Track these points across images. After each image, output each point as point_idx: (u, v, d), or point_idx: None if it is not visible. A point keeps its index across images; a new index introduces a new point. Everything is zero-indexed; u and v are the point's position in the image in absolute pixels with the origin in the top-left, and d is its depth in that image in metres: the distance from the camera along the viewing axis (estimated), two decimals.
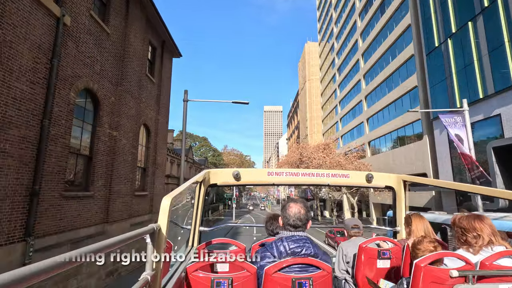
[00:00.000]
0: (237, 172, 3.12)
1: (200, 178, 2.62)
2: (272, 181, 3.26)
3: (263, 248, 1.88)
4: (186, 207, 3.15)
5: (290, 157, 35.99)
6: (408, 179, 3.39)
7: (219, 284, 1.66)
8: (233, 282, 1.67)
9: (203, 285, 1.69)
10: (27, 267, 0.58)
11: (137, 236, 1.18)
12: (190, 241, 2.82)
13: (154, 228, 1.31)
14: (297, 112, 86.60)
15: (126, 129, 11.61)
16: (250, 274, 1.70)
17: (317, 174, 3.34)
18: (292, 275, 1.65)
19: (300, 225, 1.80)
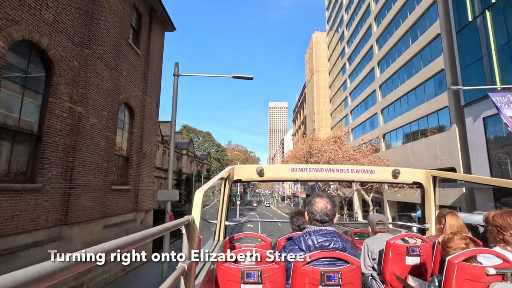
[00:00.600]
0: (261, 168, 3.13)
1: (225, 175, 2.55)
2: (296, 177, 3.24)
3: (290, 241, 1.89)
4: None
5: (297, 151, 33.42)
6: (438, 175, 3.25)
7: (249, 275, 1.69)
8: (262, 274, 1.70)
9: (233, 276, 1.72)
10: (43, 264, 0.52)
11: (174, 227, 1.23)
12: (216, 235, 2.91)
13: (189, 220, 1.37)
14: (303, 106, 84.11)
15: (97, 106, 9.13)
16: (279, 267, 1.72)
17: (341, 170, 3.29)
18: (320, 268, 1.65)
19: (327, 220, 1.81)
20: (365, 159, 26.23)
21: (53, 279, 0.52)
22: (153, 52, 13.69)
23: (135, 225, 12.02)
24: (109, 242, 0.74)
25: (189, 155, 37.68)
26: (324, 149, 26.74)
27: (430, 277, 2.04)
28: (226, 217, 3.07)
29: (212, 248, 2.62)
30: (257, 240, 2.76)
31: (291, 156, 38.88)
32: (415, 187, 15.52)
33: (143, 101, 12.90)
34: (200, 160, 45.27)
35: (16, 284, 0.43)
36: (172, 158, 10.73)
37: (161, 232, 1.07)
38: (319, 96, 60.08)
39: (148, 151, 13.56)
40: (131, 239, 0.83)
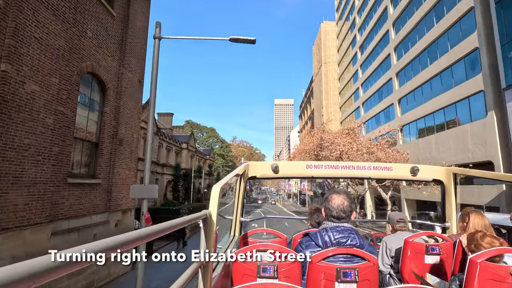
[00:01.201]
0: (275, 165, 3.13)
1: (240, 171, 2.57)
2: (311, 174, 3.23)
3: (307, 237, 1.90)
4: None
5: (306, 144, 30.77)
6: (459, 172, 3.19)
7: (265, 269, 1.70)
8: (278, 269, 1.70)
9: (249, 270, 1.75)
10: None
11: (192, 220, 1.24)
12: (232, 230, 2.98)
13: (207, 214, 1.41)
14: (310, 101, 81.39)
15: (40, 68, 6.64)
16: (295, 262, 1.69)
17: (357, 167, 3.25)
18: (336, 265, 1.65)
19: (344, 216, 1.79)
20: (382, 153, 23.45)
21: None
22: (133, 17, 11.16)
23: (107, 229, 9.59)
24: (116, 237, 0.67)
25: (190, 150, 35.25)
26: (336, 141, 24.02)
27: (450, 277, 2.05)
28: (242, 214, 3.07)
29: (228, 243, 2.63)
30: (274, 236, 2.80)
31: (299, 150, 36.42)
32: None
33: (119, 74, 10.41)
34: (202, 155, 42.87)
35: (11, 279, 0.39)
36: (150, 143, 8.23)
37: (179, 225, 1.09)
38: (327, 89, 57.14)
39: (128, 137, 11.09)
40: (144, 233, 0.80)
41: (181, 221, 1.13)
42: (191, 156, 36.18)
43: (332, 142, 24.08)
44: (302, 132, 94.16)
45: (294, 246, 2.14)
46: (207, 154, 47.16)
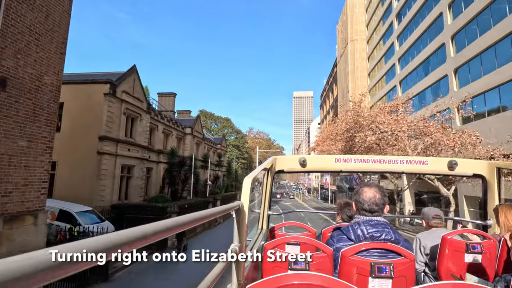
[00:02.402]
0: (303, 159, 3.07)
1: (268, 165, 2.60)
2: (339, 168, 3.13)
3: (338, 231, 1.87)
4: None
5: (334, 128, 24.96)
6: (504, 166, 2.97)
7: (296, 262, 1.65)
8: (309, 262, 1.67)
9: (281, 262, 1.67)
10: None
11: (226, 210, 1.27)
12: (260, 223, 2.93)
13: (239, 205, 1.42)
14: (332, 88, 75.00)
15: None
16: (327, 255, 1.72)
17: (389, 161, 3.06)
18: (370, 259, 1.61)
19: (377, 210, 1.75)
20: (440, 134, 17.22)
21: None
22: None
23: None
24: (138, 228, 0.59)
25: (195, 136, 30.19)
26: (378, 119, 18.04)
27: (494, 277, 2.02)
28: (269, 207, 3.07)
29: (256, 236, 2.61)
30: (301, 230, 2.76)
31: (323, 138, 30.76)
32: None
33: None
34: (211, 143, 37.83)
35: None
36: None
37: (210, 216, 1.07)
38: (354, 70, 50.39)
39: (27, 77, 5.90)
40: (177, 222, 0.78)
41: (213, 211, 1.11)
42: (197, 144, 31.18)
43: (373, 120, 18.11)
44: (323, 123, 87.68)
45: (324, 240, 2.22)
46: (218, 143, 42.14)
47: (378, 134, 18.83)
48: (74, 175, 15.31)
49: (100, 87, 15.86)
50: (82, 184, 15.11)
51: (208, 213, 1.04)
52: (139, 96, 18.92)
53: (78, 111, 15.88)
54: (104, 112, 15.55)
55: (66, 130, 15.93)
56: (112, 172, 16.10)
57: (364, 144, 19.62)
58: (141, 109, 19.08)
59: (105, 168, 15.47)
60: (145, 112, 19.78)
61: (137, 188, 18.76)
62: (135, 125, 18.76)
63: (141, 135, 19.21)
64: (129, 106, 17.72)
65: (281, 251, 1.75)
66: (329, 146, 27.47)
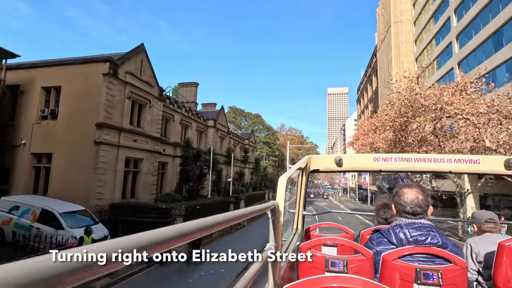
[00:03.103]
0: (339, 158, 2.94)
1: (302, 165, 2.58)
2: (378, 168, 2.94)
3: (377, 234, 1.79)
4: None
5: (378, 118, 20.84)
6: None
7: (334, 264, 1.65)
8: (348, 264, 1.64)
9: (317, 263, 1.70)
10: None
11: (261, 210, 1.25)
12: (295, 223, 2.91)
13: (275, 205, 1.42)
14: (371, 80, 69.14)
15: None
16: (366, 259, 1.65)
17: (435, 160, 2.80)
18: (415, 265, 1.49)
19: (420, 212, 1.64)
20: None
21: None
22: None
23: None
24: (167, 228, 0.59)
25: (219, 129, 27.52)
26: (444, 99, 13.72)
27: None
28: (304, 207, 3.03)
29: (292, 236, 2.60)
30: (337, 231, 2.69)
31: (364, 131, 26.73)
32: None
33: None
34: (238, 138, 34.99)
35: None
36: None
37: (245, 215, 1.05)
38: (399, 55, 44.68)
39: None
40: (209, 222, 0.74)
41: (247, 211, 1.09)
42: (220, 138, 28.50)
43: (437, 99, 13.82)
44: (360, 118, 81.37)
45: (362, 242, 2.14)
46: (246, 138, 39.27)
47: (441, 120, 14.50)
48: (71, 169, 13.23)
49: (99, 67, 13.61)
50: (78, 179, 12.97)
51: (241, 214, 1.01)
52: (148, 80, 16.50)
53: (75, 96, 13.80)
54: (103, 95, 13.25)
55: (63, 117, 13.93)
56: (113, 165, 13.79)
57: (423, 132, 15.38)
58: (150, 95, 16.65)
59: (103, 161, 13.18)
60: (156, 98, 17.35)
61: (147, 185, 16.40)
62: (143, 112, 16.38)
63: (151, 125, 16.80)
64: (135, 90, 15.33)
65: (318, 252, 1.76)
66: (371, 139, 23.31)
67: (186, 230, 0.64)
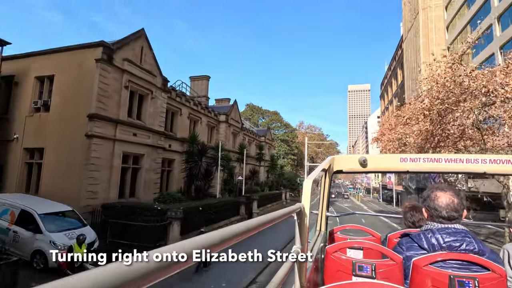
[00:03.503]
0: (364, 159, 2.86)
1: (326, 166, 2.48)
2: (405, 168, 2.81)
3: (407, 238, 1.71)
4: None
5: (410, 109, 18.50)
6: None
7: (361, 268, 1.60)
8: (376, 268, 1.58)
9: (344, 267, 1.66)
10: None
11: (287, 214, 1.23)
12: (318, 225, 2.86)
13: (301, 207, 1.40)
14: (396, 74, 65.63)
15: None
16: (396, 263, 1.58)
17: (467, 160, 2.63)
18: (449, 272, 1.41)
19: (457, 216, 1.54)
20: None
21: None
22: None
23: None
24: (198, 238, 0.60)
25: (231, 124, 25.89)
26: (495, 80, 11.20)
27: None
28: (327, 208, 3.00)
29: (315, 238, 2.51)
30: (363, 234, 2.64)
31: (392, 124, 24.39)
32: None
33: None
34: (253, 135, 33.23)
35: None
36: None
37: (273, 220, 1.05)
38: (428, 43, 41.15)
39: None
40: (235, 231, 0.73)
41: (275, 216, 1.08)
42: (233, 134, 26.86)
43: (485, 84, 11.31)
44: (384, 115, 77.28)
45: (389, 246, 2.07)
46: (262, 135, 37.44)
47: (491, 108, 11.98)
48: (62, 165, 12.03)
49: (92, 53, 12.30)
50: (69, 176, 11.73)
51: (266, 219, 0.99)
52: (150, 69, 15.10)
53: (68, 85, 12.59)
54: (95, 83, 11.91)
55: (55, 109, 12.77)
56: (108, 161, 12.45)
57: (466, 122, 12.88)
58: (153, 85, 15.22)
59: (96, 156, 11.84)
60: (160, 89, 15.90)
61: (149, 183, 15.00)
62: (144, 104, 14.98)
63: (153, 118, 15.38)
64: (134, 79, 13.93)
65: (344, 255, 1.72)
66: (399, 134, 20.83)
67: (229, 235, 0.67)
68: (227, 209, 14.91)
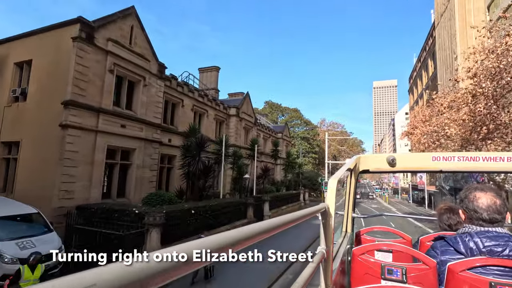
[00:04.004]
0: (392, 158, 2.71)
1: (352, 165, 2.44)
2: (438, 168, 2.62)
3: (441, 241, 1.62)
4: None
5: (466, 85, 15.68)
6: None
7: (391, 271, 1.52)
8: (407, 272, 1.50)
9: (372, 270, 1.60)
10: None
11: (311, 214, 1.21)
12: (344, 226, 2.80)
13: (325, 207, 1.37)
14: (427, 65, 61.25)
15: None
16: (429, 268, 1.49)
17: (509, 159, 2.37)
18: (489, 278, 1.29)
19: (499, 219, 1.44)
20: None
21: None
22: None
23: None
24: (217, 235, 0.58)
25: (243, 118, 23.80)
26: None
27: None
28: (353, 209, 2.91)
29: (341, 239, 2.45)
30: (392, 236, 2.53)
31: (427, 115, 21.64)
32: None
33: None
34: (268, 131, 30.92)
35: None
36: None
37: (297, 219, 1.03)
38: (465, 27, 36.81)
39: None
40: (257, 229, 0.72)
41: (299, 215, 1.07)
42: (245, 129, 24.73)
43: None
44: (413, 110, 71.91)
45: (422, 249, 1.99)
46: (279, 131, 35.04)
47: None
48: (36, 160, 10.51)
49: (70, 31, 10.68)
50: (44, 173, 10.18)
51: (290, 218, 0.96)
52: (142, 53, 13.32)
53: (45, 70, 11.07)
54: (71, 65, 10.25)
55: (32, 97, 11.30)
56: (88, 155, 10.76)
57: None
58: (146, 71, 13.42)
59: (72, 150, 10.18)
60: (155, 76, 14.11)
61: (143, 181, 13.24)
62: (136, 92, 13.21)
63: (146, 108, 13.59)
64: (122, 62, 12.17)
65: (372, 258, 1.69)
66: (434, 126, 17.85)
67: (250, 233, 0.65)
68: (230, 211, 12.79)
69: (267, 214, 16.89)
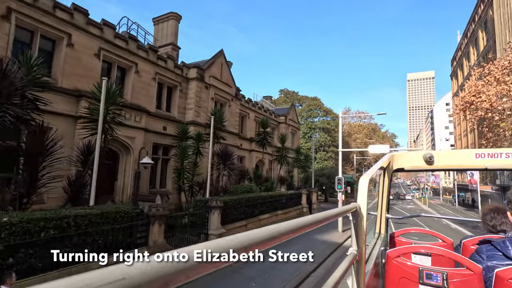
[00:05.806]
0: (429, 155, 2.56)
1: (384, 164, 2.36)
2: (483, 165, 2.43)
3: (487, 245, 1.53)
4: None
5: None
6: None
7: (430, 276, 1.46)
8: (448, 277, 1.45)
9: (409, 274, 1.54)
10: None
11: (342, 213, 1.18)
12: (377, 227, 2.73)
13: (357, 207, 1.32)
14: (476, 38, 51.64)
15: None
16: (473, 274, 1.42)
17: None
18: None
19: None
20: None
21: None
22: None
23: None
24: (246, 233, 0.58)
25: (211, 84, 16.23)
26: None
27: None
28: (387, 210, 2.80)
29: (375, 241, 2.37)
30: (430, 238, 2.41)
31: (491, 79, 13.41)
32: None
33: None
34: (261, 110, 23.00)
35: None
36: None
37: (328, 218, 1.00)
38: None
39: None
40: (290, 227, 0.72)
41: (330, 214, 1.04)
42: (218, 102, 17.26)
43: None
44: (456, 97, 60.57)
45: (465, 253, 1.86)
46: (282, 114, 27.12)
47: None
48: None
49: None
50: None
51: (321, 217, 0.92)
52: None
53: None
54: None
55: None
56: None
57: None
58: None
59: None
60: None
61: None
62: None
63: None
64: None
65: (408, 261, 1.61)
66: None
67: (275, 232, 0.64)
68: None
69: (213, 232, 9.26)
